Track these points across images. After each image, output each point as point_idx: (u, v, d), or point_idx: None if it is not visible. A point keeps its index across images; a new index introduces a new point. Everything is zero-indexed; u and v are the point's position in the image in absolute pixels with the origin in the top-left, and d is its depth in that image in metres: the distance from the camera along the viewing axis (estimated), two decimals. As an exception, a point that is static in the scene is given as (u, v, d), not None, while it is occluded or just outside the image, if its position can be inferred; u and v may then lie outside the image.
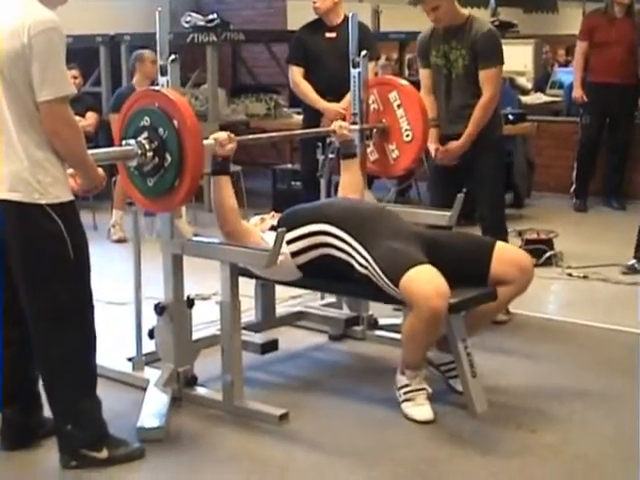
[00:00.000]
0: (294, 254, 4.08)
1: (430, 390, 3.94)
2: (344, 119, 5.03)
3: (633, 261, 6.14)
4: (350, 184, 4.65)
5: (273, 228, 4.14)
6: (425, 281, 3.71)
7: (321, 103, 5.98)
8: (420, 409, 3.89)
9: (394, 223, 4.11)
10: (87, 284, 3.46)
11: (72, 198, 3.37)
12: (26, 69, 3.20)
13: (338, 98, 5.83)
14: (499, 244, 4.10)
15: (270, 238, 3.92)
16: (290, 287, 4.52)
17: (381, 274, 3.83)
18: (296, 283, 4.32)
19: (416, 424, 3.84)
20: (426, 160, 6.21)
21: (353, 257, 3.96)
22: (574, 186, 8.61)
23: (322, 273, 4.12)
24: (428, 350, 3.99)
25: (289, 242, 4.06)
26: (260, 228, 4.23)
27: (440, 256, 3.91)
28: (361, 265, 3.93)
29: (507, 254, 4.06)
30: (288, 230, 3.99)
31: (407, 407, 3.92)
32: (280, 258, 3.87)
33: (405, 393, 3.94)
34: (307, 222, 4.11)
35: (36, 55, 3.18)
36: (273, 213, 4.34)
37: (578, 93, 8.43)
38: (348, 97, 5.12)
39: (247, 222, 4.23)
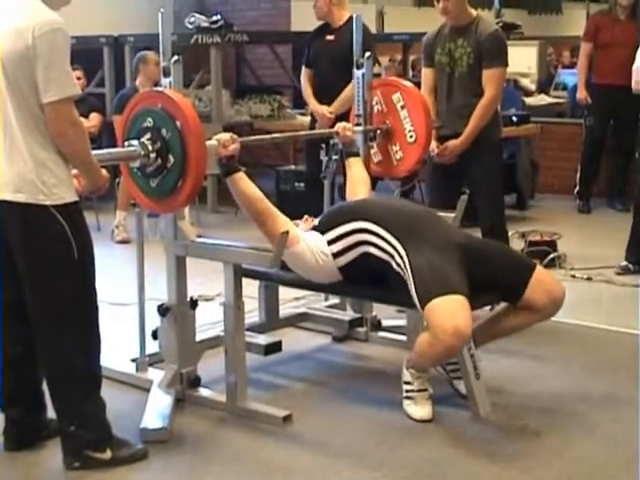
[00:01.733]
0: (335, 255, 4.01)
1: (432, 391, 3.94)
2: (334, 124, 4.99)
3: (625, 262, 6.20)
4: (357, 178, 4.63)
5: (314, 228, 4.12)
6: (448, 316, 3.64)
7: (312, 104, 6.07)
8: (419, 408, 3.90)
9: (439, 230, 4.03)
10: (91, 285, 3.46)
11: (77, 199, 3.37)
12: (30, 70, 3.20)
13: (331, 101, 5.88)
14: (539, 270, 4.00)
15: (313, 237, 3.99)
16: (295, 288, 4.52)
17: (412, 288, 3.77)
18: (301, 284, 4.31)
19: (419, 425, 3.84)
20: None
21: (392, 256, 3.90)
22: (577, 188, 8.60)
23: (361, 275, 4.04)
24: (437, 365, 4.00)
25: (330, 242, 4.03)
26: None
27: (479, 268, 3.89)
28: (398, 265, 3.86)
29: (544, 282, 3.97)
30: (329, 229, 4.01)
31: (407, 405, 3.93)
32: (323, 258, 3.92)
33: (407, 391, 3.95)
34: (348, 220, 4.05)
35: (40, 56, 3.18)
36: (306, 217, 4.25)
37: (582, 94, 8.42)
38: (338, 100, 5.13)
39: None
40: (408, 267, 3.81)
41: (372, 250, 3.97)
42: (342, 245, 4.02)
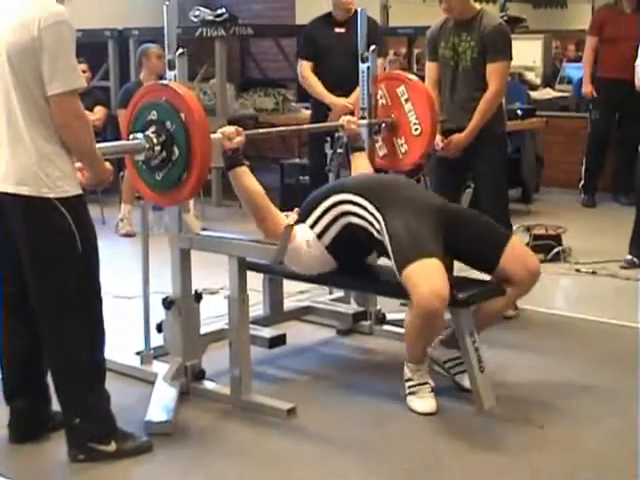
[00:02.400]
0: (319, 235, 4.07)
1: (433, 384, 3.95)
2: (352, 114, 5.02)
3: (629, 256, 6.20)
4: (362, 171, 4.64)
5: (297, 222, 4.13)
6: (424, 279, 3.71)
7: (329, 97, 5.98)
8: (422, 402, 3.90)
9: (415, 194, 4.11)
10: (96, 278, 3.47)
11: (80, 192, 3.37)
12: (36, 62, 3.21)
13: (346, 93, 5.83)
14: (514, 239, 4.10)
15: (302, 230, 4.01)
16: (299, 282, 4.53)
17: (391, 254, 3.85)
18: (306, 277, 4.32)
19: (424, 418, 3.85)
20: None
21: (371, 223, 3.97)
22: (582, 182, 8.59)
23: (349, 251, 4.11)
24: (428, 346, 3.97)
25: (312, 226, 4.08)
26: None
27: (455, 233, 3.97)
28: (378, 232, 3.94)
29: (517, 252, 4.05)
30: (309, 214, 4.06)
31: (410, 400, 3.94)
32: (311, 244, 4.00)
33: (409, 387, 3.95)
34: (324, 198, 4.12)
35: (46, 48, 3.19)
36: (297, 209, 4.26)
37: (588, 89, 8.41)
38: (356, 92, 5.12)
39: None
40: (386, 233, 3.88)
41: (353, 219, 4.03)
42: (324, 223, 4.08)
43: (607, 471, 3.45)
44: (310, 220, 4.10)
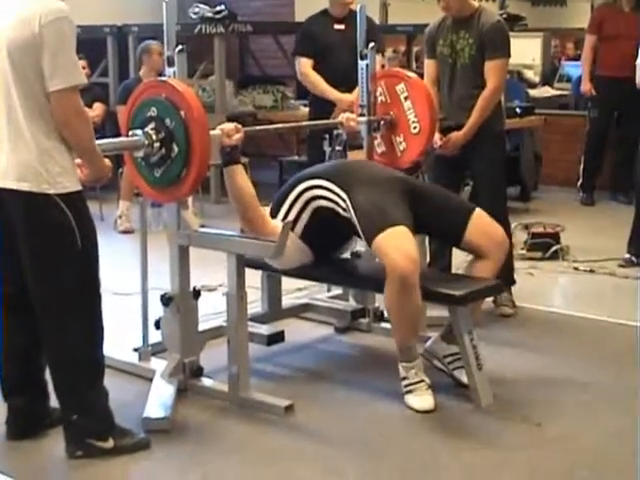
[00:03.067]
0: (292, 227, 4.06)
1: (429, 381, 3.94)
2: (351, 111, 5.02)
3: (628, 255, 6.20)
4: None
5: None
6: (395, 246, 3.79)
7: (334, 94, 5.95)
8: (420, 399, 3.90)
9: (378, 171, 4.22)
10: (95, 274, 3.47)
11: (80, 188, 3.37)
12: (37, 58, 3.21)
13: (349, 90, 5.82)
14: (478, 211, 4.16)
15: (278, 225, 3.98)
16: (297, 279, 4.53)
17: (359, 229, 3.92)
18: (303, 274, 4.33)
19: (421, 416, 3.85)
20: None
21: (336, 202, 4.04)
22: (581, 180, 8.60)
23: (322, 236, 4.18)
24: (416, 331, 3.95)
25: (283, 219, 4.10)
26: None
27: (420, 205, 4.05)
28: (344, 210, 4.01)
29: (482, 223, 4.13)
30: (279, 209, 4.13)
31: (408, 398, 3.93)
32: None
33: (405, 386, 3.95)
34: (291, 189, 4.19)
35: (47, 44, 3.19)
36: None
37: (587, 87, 8.41)
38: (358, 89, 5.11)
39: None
40: (351, 208, 3.95)
41: (320, 202, 4.10)
42: (294, 213, 4.14)
43: (605, 469, 3.45)
44: (281, 214, 4.15)
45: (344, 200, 4.00)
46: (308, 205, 4.13)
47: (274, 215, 4.14)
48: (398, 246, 3.78)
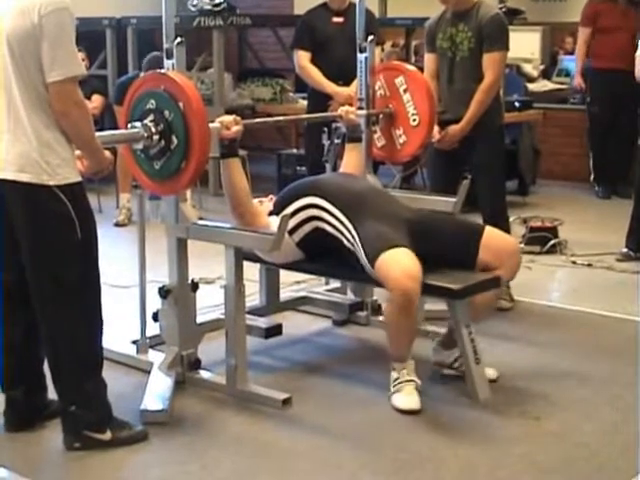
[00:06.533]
0: (290, 232, 4.06)
1: (419, 382, 3.91)
2: (350, 104, 5.01)
3: (625, 249, 6.21)
4: (352, 164, 4.65)
5: (271, 213, 4.15)
6: (396, 263, 3.75)
7: (331, 87, 5.94)
8: (405, 399, 3.85)
9: (384, 204, 4.13)
10: (94, 266, 3.47)
11: (80, 179, 3.37)
12: (36, 49, 3.20)
13: (347, 83, 5.82)
14: (487, 231, 4.09)
15: (275, 222, 3.94)
16: (295, 272, 4.53)
17: (363, 255, 3.88)
18: (300, 268, 4.33)
19: (419, 410, 3.84)
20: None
21: (342, 233, 4.00)
22: (593, 175, 8.59)
23: (319, 250, 4.14)
24: (411, 343, 3.92)
25: None
26: None
27: (428, 241, 3.97)
28: (349, 241, 3.97)
29: (493, 243, 4.04)
30: (283, 209, 4.07)
31: (394, 397, 3.89)
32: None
33: (394, 386, 3.91)
34: (300, 196, 4.14)
35: (46, 35, 3.18)
36: (271, 196, 4.34)
37: (578, 80, 8.43)
38: (356, 82, 5.11)
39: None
40: (357, 239, 3.92)
41: (324, 226, 4.06)
42: (295, 221, 4.09)
43: (603, 463, 3.45)
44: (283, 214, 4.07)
45: (350, 231, 3.96)
46: (312, 221, 4.09)
47: (277, 212, 4.10)
48: (401, 265, 3.74)
